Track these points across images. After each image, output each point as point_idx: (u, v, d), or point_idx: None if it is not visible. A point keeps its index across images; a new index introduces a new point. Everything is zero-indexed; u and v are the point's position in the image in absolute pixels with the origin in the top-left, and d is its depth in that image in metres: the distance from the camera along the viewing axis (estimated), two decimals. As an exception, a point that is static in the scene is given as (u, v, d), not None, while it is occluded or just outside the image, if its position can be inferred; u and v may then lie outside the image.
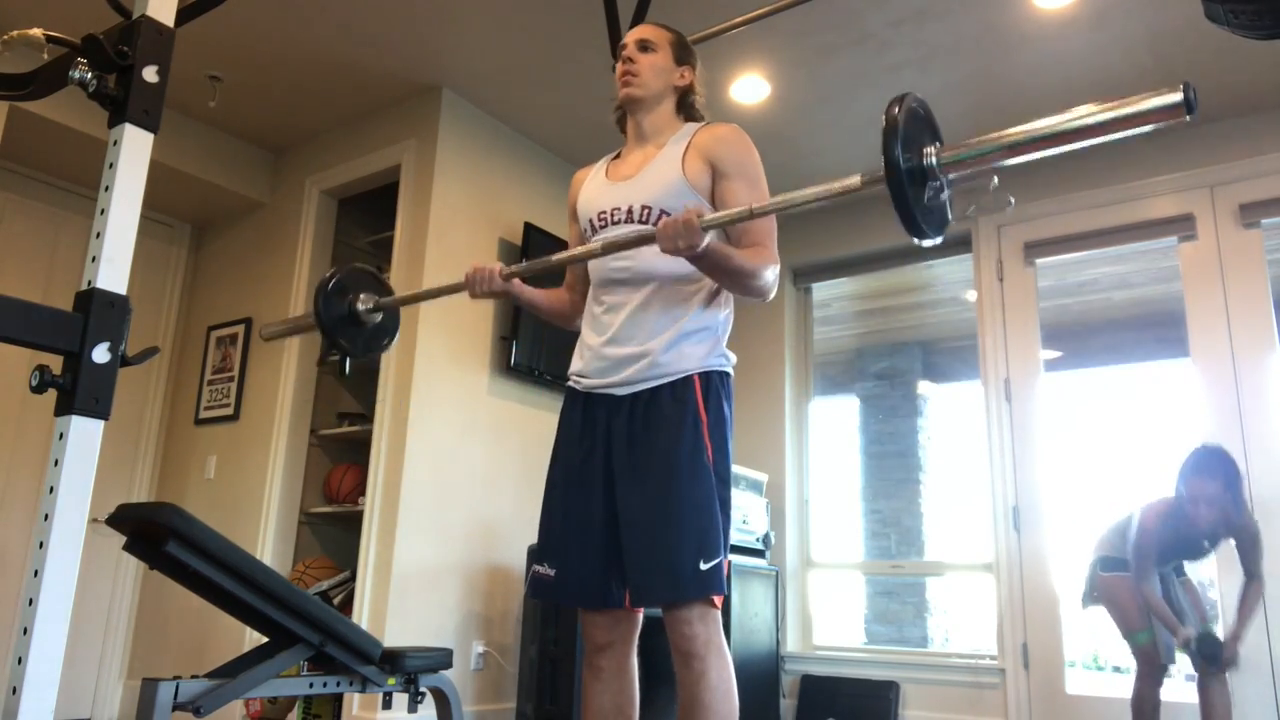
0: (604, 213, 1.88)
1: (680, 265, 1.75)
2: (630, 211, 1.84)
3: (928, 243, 1.39)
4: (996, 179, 3.06)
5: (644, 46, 1.93)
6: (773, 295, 1.80)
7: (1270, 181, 3.82)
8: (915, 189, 1.33)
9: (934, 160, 1.35)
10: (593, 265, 1.89)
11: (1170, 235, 4.05)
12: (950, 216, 1.43)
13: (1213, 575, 3.71)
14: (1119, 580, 3.24)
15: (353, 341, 2.07)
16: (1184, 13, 3.23)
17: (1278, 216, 3.83)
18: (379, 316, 2.09)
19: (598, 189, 1.94)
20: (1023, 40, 3.49)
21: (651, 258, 1.78)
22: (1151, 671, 3.19)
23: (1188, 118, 1.15)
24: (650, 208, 1.82)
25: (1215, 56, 3.52)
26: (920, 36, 3.48)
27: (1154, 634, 3.16)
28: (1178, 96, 1.14)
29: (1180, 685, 3.15)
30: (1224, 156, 3.93)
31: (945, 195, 1.40)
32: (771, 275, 1.76)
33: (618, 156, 1.99)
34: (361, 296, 2.06)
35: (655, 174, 1.85)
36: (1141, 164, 4.11)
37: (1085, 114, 1.24)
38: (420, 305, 3.74)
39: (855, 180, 1.41)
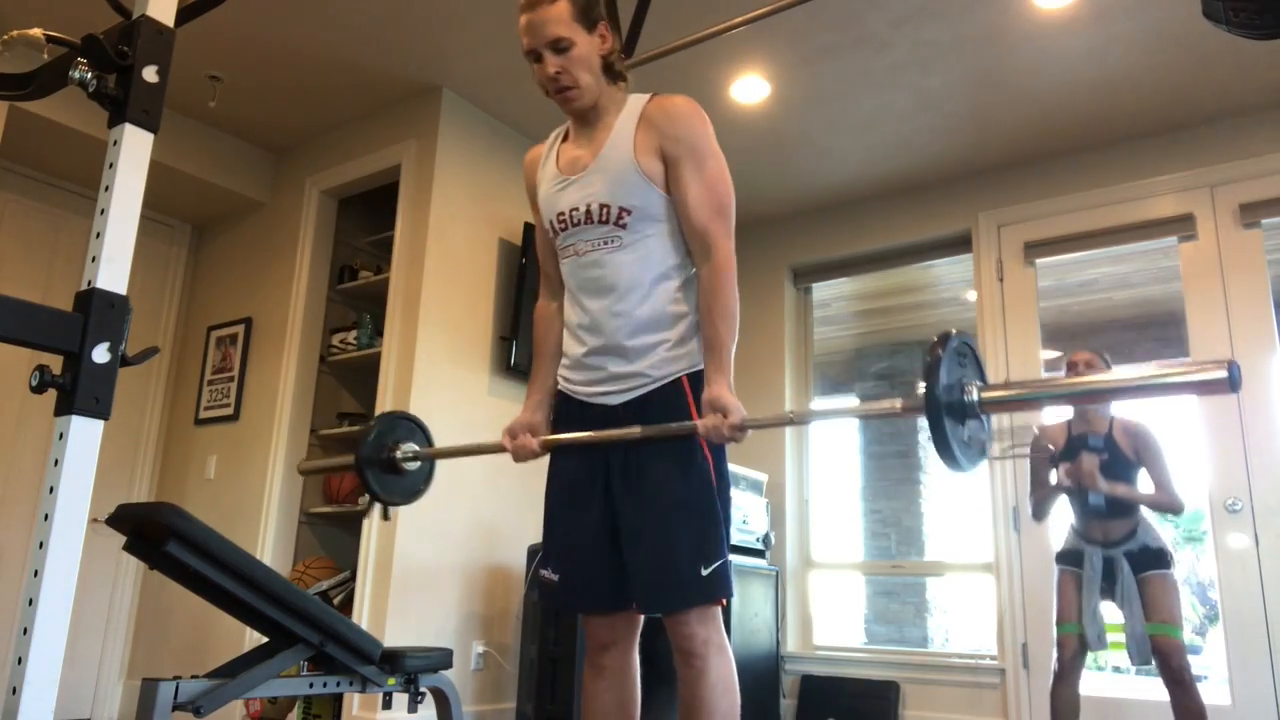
0: (563, 214, 1.81)
1: (655, 269, 1.74)
2: (589, 211, 1.77)
3: (964, 474, 1.44)
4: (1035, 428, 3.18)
5: (559, 48, 1.75)
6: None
7: (1270, 181, 3.82)
8: (954, 423, 1.39)
9: (975, 398, 1.40)
10: (565, 275, 1.84)
11: (1170, 235, 4.05)
12: (987, 452, 1.47)
13: (1213, 575, 3.71)
14: (1063, 574, 3.27)
15: (390, 489, 2.14)
16: (1183, 13, 3.23)
17: (1278, 216, 3.83)
18: (416, 464, 2.15)
19: (553, 185, 1.85)
20: (1023, 40, 3.49)
21: (623, 263, 1.75)
22: (1069, 666, 3.16)
23: (1232, 393, 1.20)
24: (609, 205, 1.75)
25: (1215, 56, 3.53)
26: (920, 36, 3.47)
27: (1080, 627, 3.15)
28: (1222, 374, 1.18)
29: (1154, 685, 3.14)
30: (1224, 156, 3.93)
31: (985, 431, 1.45)
32: (732, 274, 1.73)
33: (566, 138, 1.91)
34: (401, 445, 2.13)
35: (607, 166, 1.77)
36: (1141, 164, 4.11)
37: (1127, 377, 1.35)
38: (420, 301, 3.75)
39: (896, 405, 1.46)
